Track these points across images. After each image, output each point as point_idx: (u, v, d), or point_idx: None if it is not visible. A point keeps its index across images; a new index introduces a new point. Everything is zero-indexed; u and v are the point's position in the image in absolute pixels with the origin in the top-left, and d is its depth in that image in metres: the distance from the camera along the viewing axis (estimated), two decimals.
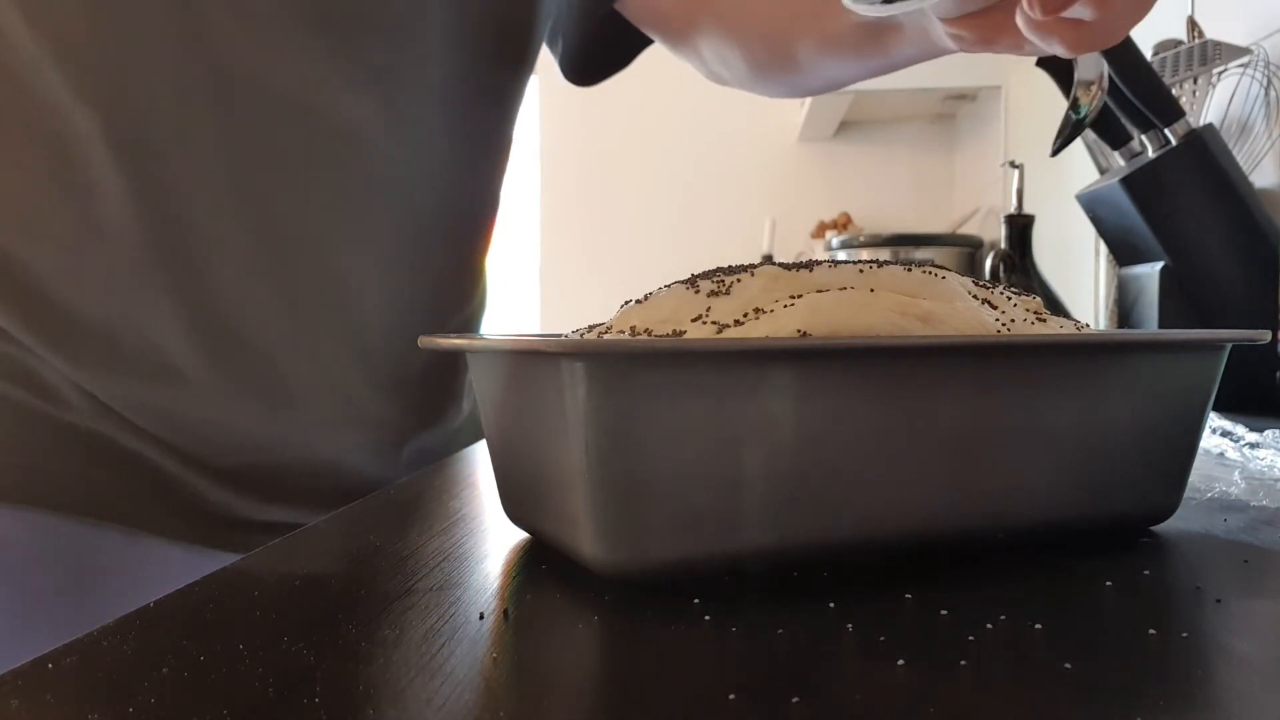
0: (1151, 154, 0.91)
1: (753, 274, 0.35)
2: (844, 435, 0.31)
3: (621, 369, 0.29)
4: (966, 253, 2.20)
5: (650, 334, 0.34)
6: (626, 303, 0.37)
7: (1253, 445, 0.57)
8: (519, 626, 0.28)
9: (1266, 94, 1.02)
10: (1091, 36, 0.42)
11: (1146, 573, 0.32)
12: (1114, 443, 0.35)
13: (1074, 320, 0.39)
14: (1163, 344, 0.37)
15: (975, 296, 0.37)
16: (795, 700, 0.22)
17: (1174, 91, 0.98)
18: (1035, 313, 0.38)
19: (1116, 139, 0.96)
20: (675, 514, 0.30)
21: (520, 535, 0.38)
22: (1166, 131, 0.89)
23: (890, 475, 0.32)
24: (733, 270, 0.36)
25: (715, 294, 0.35)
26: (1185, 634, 0.26)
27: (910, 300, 0.34)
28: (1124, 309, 0.98)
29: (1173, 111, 0.88)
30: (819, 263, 0.36)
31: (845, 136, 2.70)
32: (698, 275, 0.37)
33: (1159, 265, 0.90)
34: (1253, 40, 1.04)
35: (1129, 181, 0.90)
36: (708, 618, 0.28)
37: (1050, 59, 0.96)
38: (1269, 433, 0.58)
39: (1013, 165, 1.61)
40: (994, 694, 0.22)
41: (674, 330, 0.34)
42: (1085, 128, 0.74)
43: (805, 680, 0.23)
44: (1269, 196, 1.01)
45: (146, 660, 0.25)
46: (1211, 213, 0.88)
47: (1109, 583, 0.31)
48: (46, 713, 0.22)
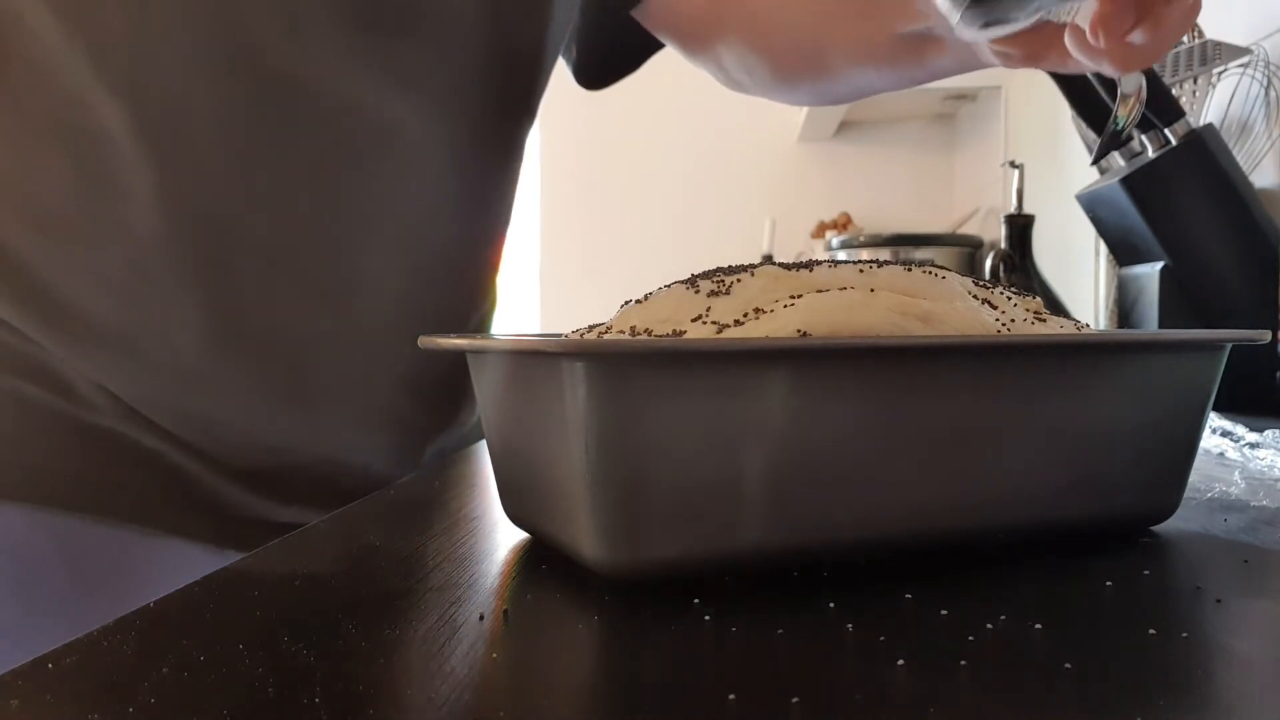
0: (1151, 154, 0.91)
1: (753, 274, 0.35)
2: (844, 435, 0.31)
3: (621, 369, 0.29)
4: (966, 253, 2.20)
5: (650, 334, 0.34)
6: (626, 303, 0.37)
7: (1253, 445, 0.57)
8: (519, 626, 0.28)
9: (1266, 94, 1.02)
10: (1140, 56, 0.44)
11: (1146, 573, 0.32)
12: (1114, 443, 0.35)
13: (1074, 320, 0.39)
14: (1163, 344, 0.37)
15: (975, 296, 0.37)
16: (795, 700, 0.22)
17: (1174, 91, 0.98)
18: (1035, 313, 0.38)
19: (1117, 139, 0.96)
20: (675, 514, 0.30)
21: (520, 535, 0.38)
22: (1166, 131, 0.89)
23: (890, 475, 0.32)
24: (733, 270, 0.36)
25: (715, 294, 0.35)
26: (1185, 634, 0.26)
27: (910, 300, 0.34)
28: (1124, 309, 0.98)
29: (1173, 111, 0.88)
30: (819, 263, 0.36)
31: (845, 136, 2.70)
32: (698, 275, 0.37)
33: (1159, 265, 0.90)
34: (1253, 40, 1.04)
35: (1129, 181, 0.90)
36: (708, 618, 0.28)
37: None
38: (1269, 433, 0.58)
39: (1013, 165, 1.61)
40: (994, 694, 0.22)
41: (674, 330, 0.34)
42: (1124, 140, 0.75)
43: (805, 680, 0.23)
44: (1269, 196, 1.01)
45: (146, 660, 0.25)
46: (1211, 213, 0.88)
47: (1109, 583, 0.31)
48: (46, 713, 0.22)
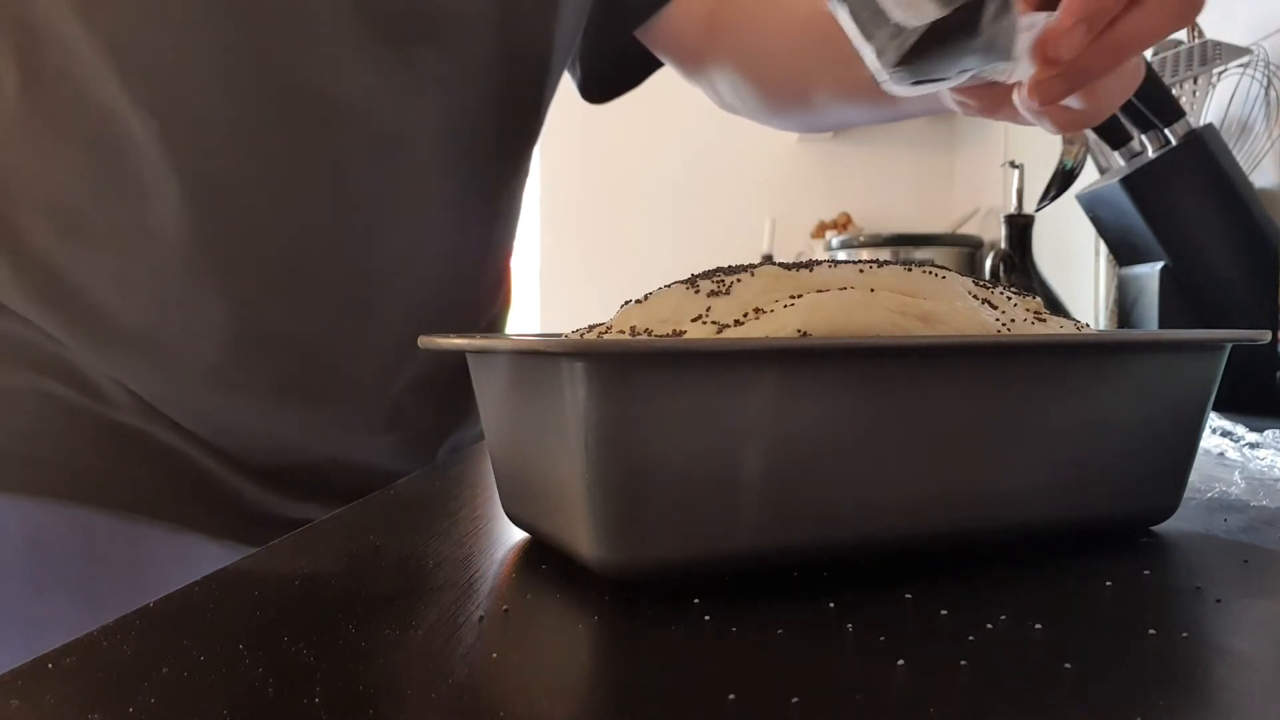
0: (1151, 154, 0.91)
1: (753, 274, 0.35)
2: (844, 435, 0.31)
3: (621, 369, 0.29)
4: (966, 253, 2.20)
5: (650, 334, 0.34)
6: (626, 303, 0.37)
7: (1253, 445, 0.57)
8: (519, 626, 0.28)
9: (1266, 94, 1.02)
10: (1081, 119, 0.46)
11: (1146, 573, 0.32)
12: (1114, 443, 0.35)
13: (1074, 320, 0.39)
14: (1163, 344, 0.37)
15: (975, 296, 0.37)
16: (795, 700, 0.22)
17: (1174, 91, 0.98)
18: (1035, 313, 0.38)
19: (1116, 139, 0.96)
20: (675, 514, 0.30)
21: (520, 535, 0.38)
22: (1166, 131, 0.89)
23: (890, 475, 0.32)
24: (733, 270, 0.36)
25: (715, 294, 0.35)
26: (1185, 634, 0.26)
27: (910, 300, 0.34)
28: (1124, 309, 0.98)
29: (1173, 111, 0.88)
30: (819, 263, 0.36)
31: (845, 136, 2.70)
32: (698, 275, 0.37)
33: (1159, 265, 0.90)
34: (1253, 40, 1.04)
35: (1129, 181, 0.90)
36: (708, 618, 0.28)
37: None
38: (1269, 433, 0.58)
39: (1013, 165, 1.61)
40: (994, 694, 0.22)
41: (674, 330, 0.34)
42: (1073, 181, 0.78)
43: (805, 680, 0.23)
44: (1269, 196, 1.01)
45: (146, 660, 0.25)
46: (1211, 213, 0.88)
47: (1109, 583, 0.31)
48: (46, 713, 0.22)
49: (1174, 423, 0.37)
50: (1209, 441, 0.58)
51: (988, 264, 1.49)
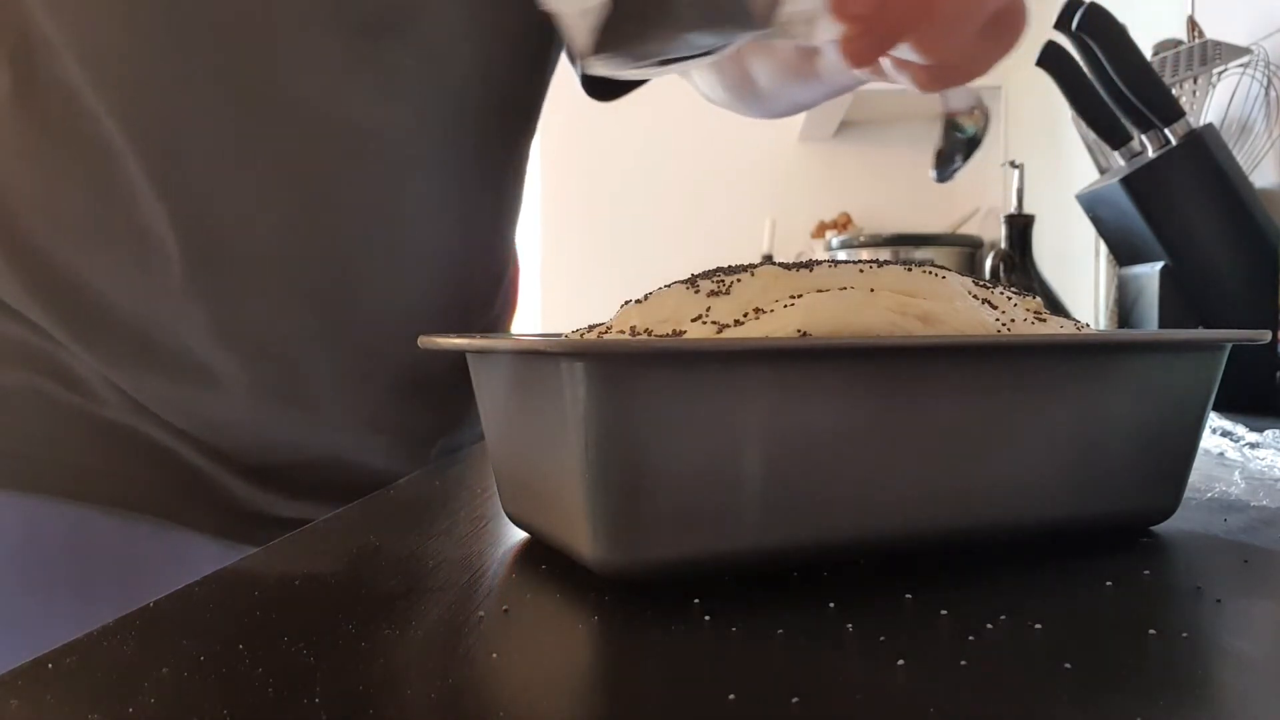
0: (1151, 154, 0.91)
1: (753, 274, 0.35)
2: (844, 435, 0.31)
3: (621, 369, 0.29)
4: (966, 253, 2.20)
5: (650, 334, 0.34)
6: (626, 303, 0.37)
7: (1253, 445, 0.57)
8: (519, 626, 0.28)
9: (1266, 94, 1.02)
10: (943, 77, 0.43)
11: (1146, 573, 0.32)
12: (1114, 443, 0.35)
13: (1074, 320, 0.39)
14: (1163, 344, 0.37)
15: (975, 296, 0.37)
16: (795, 700, 0.22)
17: (1174, 91, 0.98)
18: (1035, 313, 0.38)
19: (1116, 139, 0.96)
20: (675, 514, 0.30)
21: (520, 535, 0.38)
22: (1166, 131, 0.89)
23: (890, 475, 0.32)
24: (733, 270, 0.36)
25: (715, 294, 0.35)
26: (1185, 634, 0.26)
27: (910, 300, 0.34)
28: (1124, 309, 0.98)
29: (1173, 111, 0.88)
30: (819, 263, 0.36)
31: (845, 136, 2.70)
32: (698, 275, 0.37)
33: (1159, 265, 0.90)
34: (1253, 40, 1.04)
35: (1129, 181, 0.90)
36: (708, 618, 0.28)
37: (1051, 61, 0.96)
38: (1269, 433, 0.58)
39: (1013, 165, 1.61)
40: (994, 694, 0.22)
41: (674, 330, 0.34)
42: (977, 147, 0.76)
43: (805, 680, 0.23)
44: (1269, 196, 1.01)
45: (146, 660, 0.25)
46: (1211, 213, 0.88)
47: (1109, 583, 0.31)
48: (46, 713, 0.22)
49: (1174, 423, 0.37)
50: (1209, 441, 0.58)
51: (988, 264, 1.49)
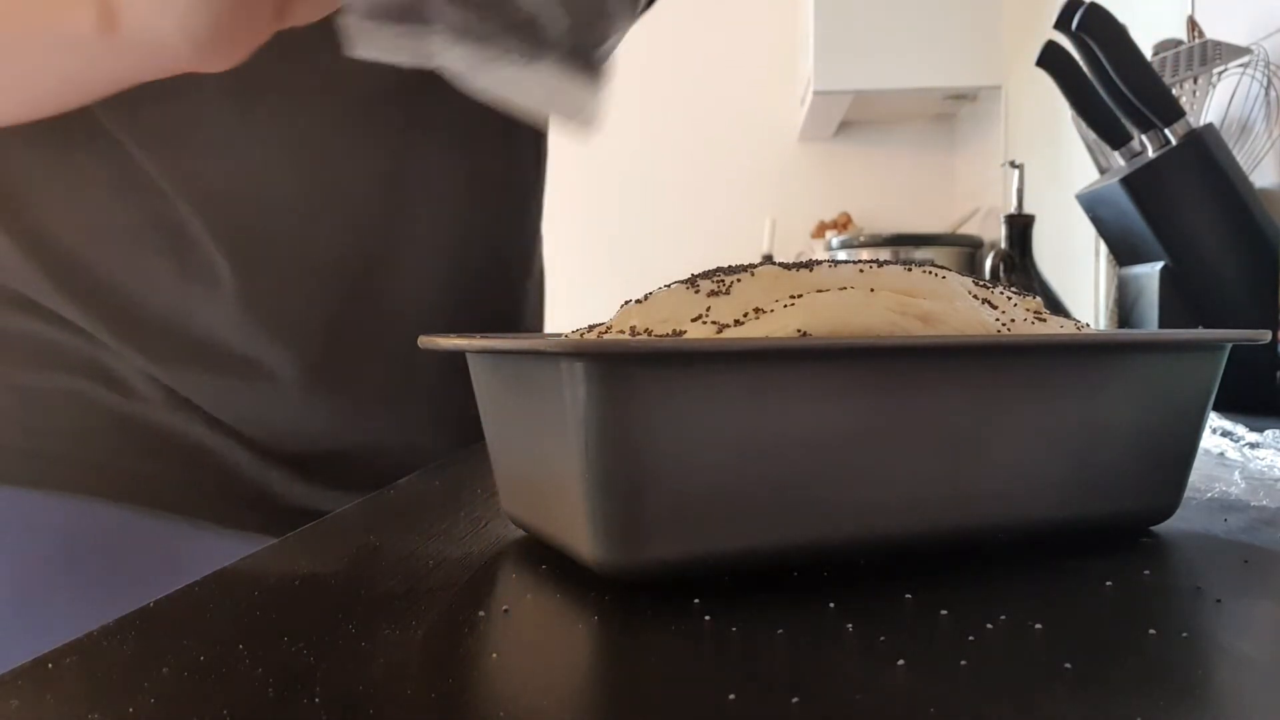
0: (1151, 154, 0.91)
1: (753, 274, 0.35)
2: (844, 435, 0.31)
3: (621, 369, 0.29)
4: (966, 253, 2.20)
5: (650, 334, 0.34)
6: (626, 303, 0.37)
7: (1253, 445, 0.57)
8: (519, 626, 0.28)
9: (1266, 94, 1.02)
10: None
11: (1146, 573, 0.32)
12: (1114, 443, 0.35)
13: (1074, 320, 0.39)
14: (1163, 344, 0.37)
15: (975, 296, 0.37)
16: (795, 700, 0.22)
17: (1174, 91, 0.98)
18: (1035, 313, 0.38)
19: (1116, 139, 0.96)
20: (675, 514, 0.30)
21: (520, 535, 0.38)
22: (1166, 131, 0.89)
23: (890, 475, 0.32)
24: (733, 270, 0.36)
25: (715, 294, 0.35)
26: (1185, 634, 0.26)
27: (910, 300, 0.34)
28: (1124, 309, 0.98)
29: (1173, 111, 0.88)
30: (819, 263, 0.36)
31: (845, 136, 2.70)
32: (698, 275, 0.37)
33: (1159, 265, 0.90)
34: (1253, 40, 1.04)
35: (1129, 181, 0.90)
36: (708, 618, 0.28)
37: (1051, 61, 0.96)
38: (1269, 433, 0.58)
39: (1013, 165, 1.61)
40: (994, 694, 0.22)
41: (674, 330, 0.34)
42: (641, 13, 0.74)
43: (805, 680, 0.23)
44: (1269, 196, 1.01)
45: (146, 660, 0.25)
46: (1211, 213, 0.88)
47: (1109, 583, 0.31)
48: (46, 713, 0.22)
49: (1174, 423, 0.37)
50: (1209, 441, 0.58)
51: (988, 264, 1.49)
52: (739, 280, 0.35)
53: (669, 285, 0.37)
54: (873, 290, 0.34)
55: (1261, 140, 1.02)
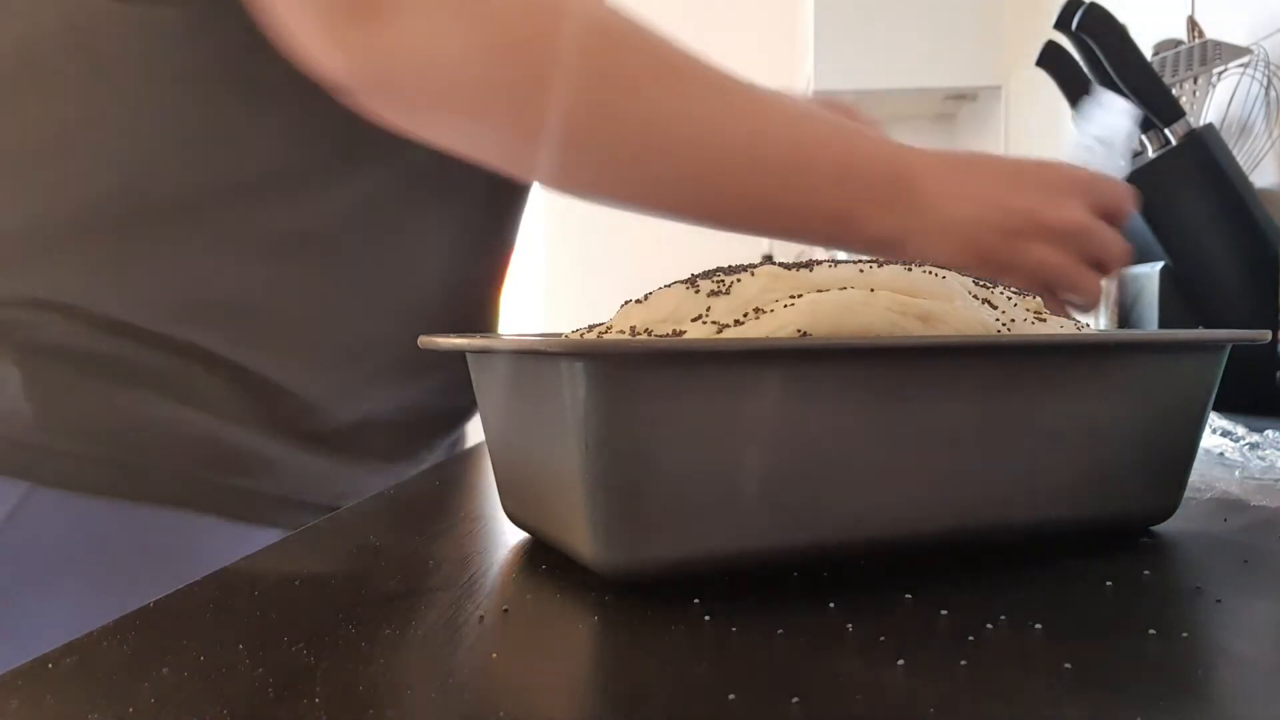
0: (1151, 154, 0.91)
1: (753, 274, 0.35)
2: (844, 435, 0.31)
3: (621, 369, 0.29)
4: None
5: (650, 334, 0.34)
6: (626, 303, 0.37)
7: (1253, 445, 0.57)
8: (519, 626, 0.28)
9: (1266, 94, 1.02)
10: None
11: (1146, 573, 0.32)
12: (1114, 443, 0.35)
13: (1074, 320, 0.39)
14: (1163, 344, 0.37)
15: (975, 296, 0.37)
16: (795, 700, 0.22)
17: (1174, 91, 0.98)
18: (1035, 313, 0.38)
19: None
20: (675, 514, 0.30)
21: (520, 535, 0.38)
22: (1166, 131, 0.89)
23: (890, 475, 0.32)
24: (733, 270, 0.36)
25: (715, 294, 0.35)
26: (1185, 634, 0.26)
27: (910, 300, 0.34)
28: (1124, 309, 0.98)
29: (1173, 111, 0.88)
30: (819, 263, 0.36)
31: None
32: (698, 275, 0.37)
33: (1159, 265, 0.90)
34: (1253, 40, 1.04)
35: (1129, 181, 0.90)
36: (708, 618, 0.28)
37: (1051, 61, 0.96)
38: (1269, 433, 0.58)
39: None
40: (994, 694, 0.22)
41: (674, 330, 0.34)
42: None
43: (805, 680, 0.23)
44: (1269, 196, 1.00)
45: (146, 660, 0.25)
46: (1211, 213, 0.88)
47: (1109, 583, 0.31)
48: (46, 713, 0.22)
49: (1174, 423, 0.37)
50: (1209, 441, 0.58)
51: None
52: (739, 280, 0.35)
53: (669, 285, 0.37)
54: (873, 290, 0.34)
55: (1261, 140, 1.02)
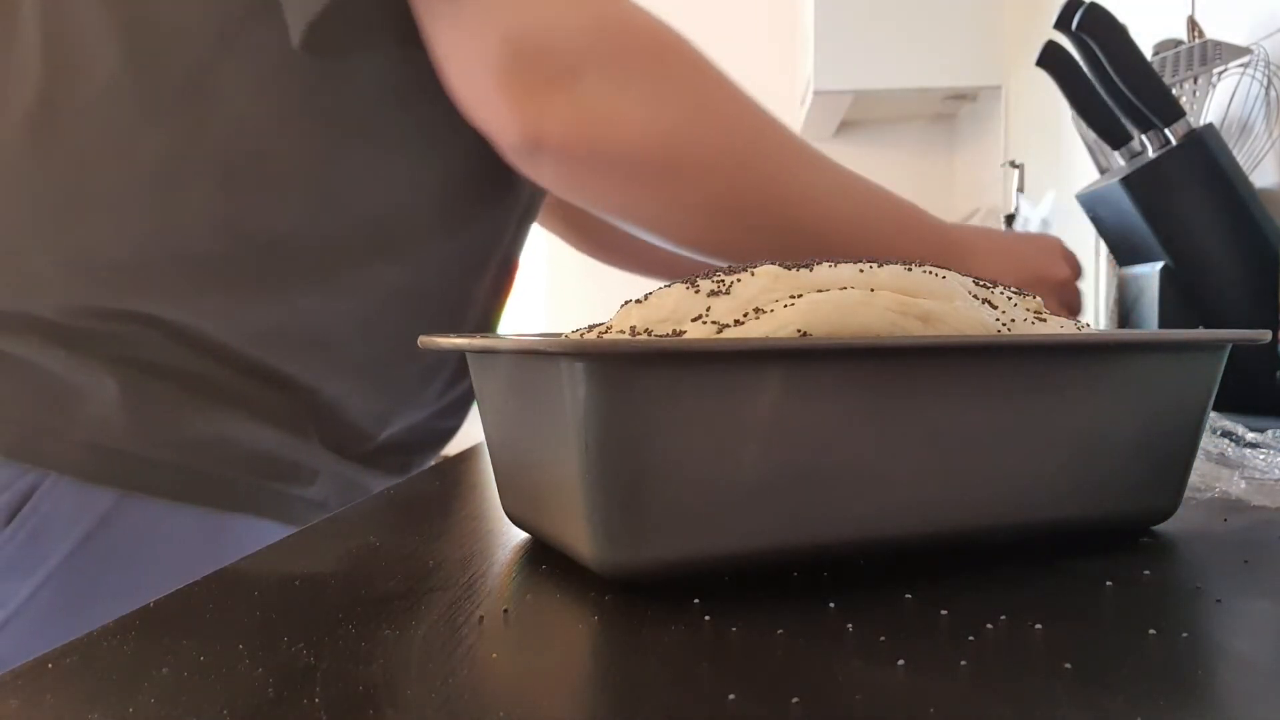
0: (1151, 154, 0.91)
1: (753, 274, 0.35)
2: (844, 435, 0.31)
3: (621, 369, 0.29)
4: None
5: (650, 334, 0.34)
6: (626, 303, 0.37)
7: (1253, 445, 0.57)
8: (519, 627, 0.28)
9: (1266, 94, 1.02)
10: None
11: (1146, 573, 0.32)
12: (1114, 443, 0.35)
13: (1074, 320, 0.39)
14: (1163, 344, 0.37)
15: (975, 296, 0.37)
16: (795, 700, 0.22)
17: (1174, 91, 0.98)
18: (1035, 313, 0.38)
19: (1116, 139, 0.96)
20: (675, 514, 0.30)
21: (520, 535, 0.38)
22: (1166, 131, 0.89)
23: (890, 475, 0.32)
24: (733, 270, 0.36)
25: (715, 294, 0.35)
26: (1185, 634, 0.26)
27: (910, 300, 0.34)
28: (1124, 309, 0.98)
29: (1173, 111, 0.88)
30: (819, 263, 0.36)
31: (845, 136, 2.70)
32: (698, 275, 0.37)
33: (1159, 265, 0.90)
34: (1253, 40, 1.04)
35: (1129, 181, 0.90)
36: (708, 618, 0.28)
37: (1051, 61, 0.96)
38: (1269, 433, 0.58)
39: (1013, 165, 1.61)
40: (994, 694, 0.22)
41: (674, 330, 0.34)
42: None
43: (805, 680, 0.23)
44: (1269, 196, 1.00)
45: (146, 660, 0.25)
46: (1211, 213, 0.88)
47: (1109, 583, 0.31)
48: (46, 713, 0.22)
49: (1174, 423, 0.37)
50: (1209, 441, 0.58)
51: None
52: (739, 280, 0.35)
53: (669, 285, 0.37)
54: (873, 290, 0.34)
55: (1261, 140, 1.02)
